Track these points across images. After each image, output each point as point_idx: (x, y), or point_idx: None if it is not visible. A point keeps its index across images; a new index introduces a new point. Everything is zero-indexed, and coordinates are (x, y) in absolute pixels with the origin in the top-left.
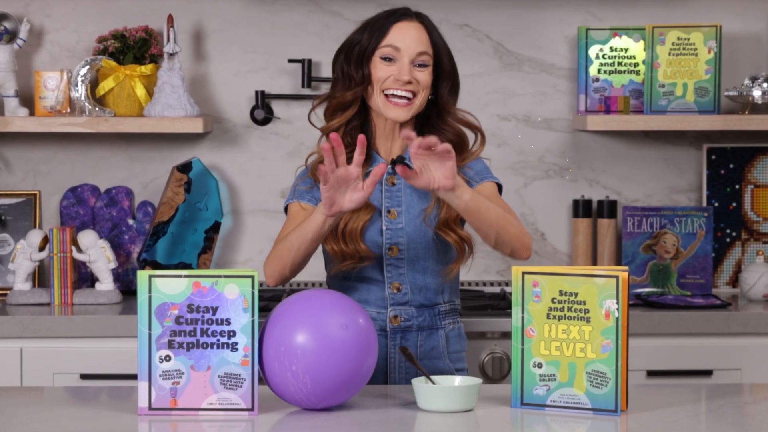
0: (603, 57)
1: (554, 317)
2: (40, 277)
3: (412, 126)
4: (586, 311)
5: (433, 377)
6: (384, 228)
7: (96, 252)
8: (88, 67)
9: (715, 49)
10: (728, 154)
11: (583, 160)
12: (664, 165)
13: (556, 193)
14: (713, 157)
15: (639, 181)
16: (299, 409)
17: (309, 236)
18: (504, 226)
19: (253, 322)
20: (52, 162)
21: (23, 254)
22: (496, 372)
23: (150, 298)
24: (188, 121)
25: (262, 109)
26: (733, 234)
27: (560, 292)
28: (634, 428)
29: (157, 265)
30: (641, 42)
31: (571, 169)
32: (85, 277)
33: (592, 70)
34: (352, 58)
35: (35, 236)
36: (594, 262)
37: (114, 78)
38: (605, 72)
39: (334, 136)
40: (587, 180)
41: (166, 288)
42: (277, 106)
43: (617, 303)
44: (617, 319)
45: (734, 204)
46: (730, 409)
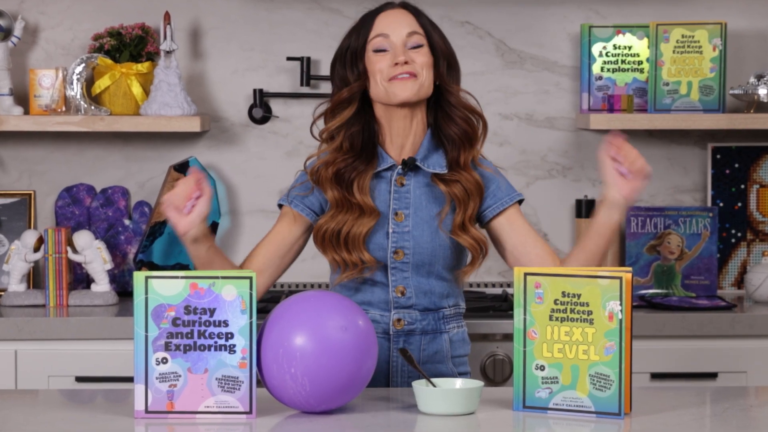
0: (606, 55)
1: (557, 319)
2: (35, 278)
3: (424, 115)
4: (589, 313)
5: (434, 380)
6: (390, 231)
7: (92, 253)
8: (83, 65)
9: (720, 47)
10: (733, 153)
11: (586, 159)
12: (668, 164)
13: (558, 192)
14: (718, 156)
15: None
16: (298, 413)
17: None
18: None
19: (251, 323)
20: (47, 161)
21: (18, 255)
22: (497, 374)
23: (146, 299)
24: (185, 119)
25: (261, 108)
26: (739, 234)
27: (563, 293)
28: None
29: (153, 266)
30: (645, 39)
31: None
32: (80, 279)
33: (596, 68)
34: (346, 61)
35: (30, 237)
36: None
37: (110, 76)
38: (608, 70)
39: (193, 170)
40: (590, 180)
41: (163, 289)
42: (276, 105)
43: (621, 304)
44: (621, 320)
45: (739, 204)
46: (735, 413)
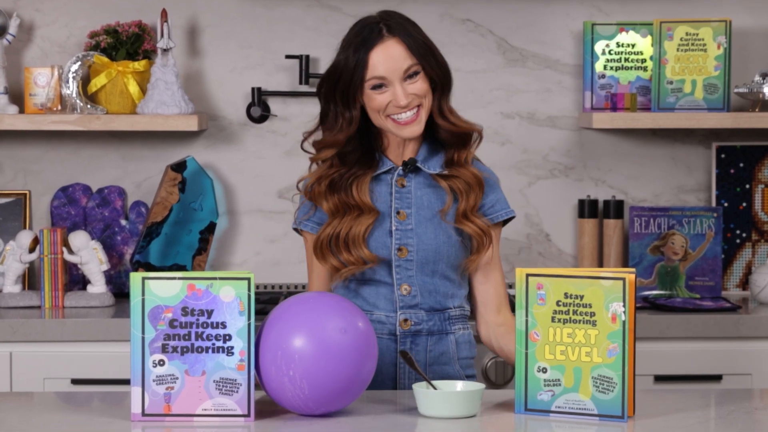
0: (609, 53)
1: (559, 320)
2: (30, 279)
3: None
4: (592, 314)
5: (435, 382)
6: (393, 228)
7: (88, 253)
8: (79, 63)
9: (725, 45)
10: (738, 152)
11: (589, 158)
12: (672, 164)
13: (561, 192)
14: (723, 155)
15: (646, 181)
16: (297, 416)
17: None
18: None
19: (249, 325)
20: (42, 161)
21: (13, 256)
22: (499, 377)
23: (143, 300)
24: (182, 118)
25: (259, 107)
26: (743, 235)
27: (565, 294)
28: None
29: (150, 267)
30: (649, 37)
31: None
32: (76, 280)
33: (598, 66)
34: (337, 95)
35: (25, 237)
36: (600, 264)
37: (106, 74)
38: (612, 68)
39: None
40: (593, 179)
41: (160, 290)
42: (274, 104)
43: (624, 306)
44: (624, 322)
45: (744, 204)
46: (740, 415)
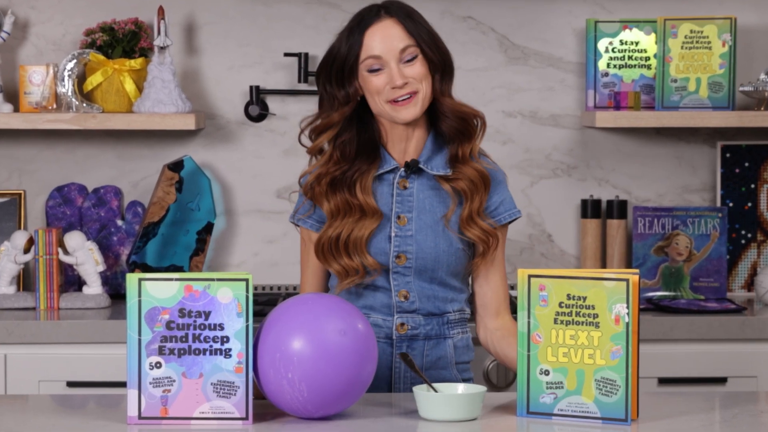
0: (612, 50)
1: (562, 322)
2: (25, 280)
3: (425, 118)
4: (595, 316)
5: (436, 385)
6: (393, 234)
7: (83, 254)
8: (75, 61)
9: (730, 43)
10: (743, 151)
11: (592, 158)
12: (677, 163)
13: (563, 192)
14: (727, 155)
15: (650, 180)
16: (295, 418)
17: None
18: None
19: (247, 327)
20: (37, 160)
21: (7, 256)
22: (501, 379)
23: (140, 302)
24: (180, 117)
25: (257, 105)
26: (749, 235)
27: (568, 296)
28: None
29: (147, 268)
30: (652, 35)
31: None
32: (72, 281)
33: (602, 65)
34: (332, 76)
35: (20, 238)
36: (603, 265)
37: (102, 72)
38: (615, 66)
39: None
40: (596, 179)
41: (157, 292)
42: (273, 102)
43: (627, 307)
44: (627, 324)
45: (749, 204)
46: (745, 418)
